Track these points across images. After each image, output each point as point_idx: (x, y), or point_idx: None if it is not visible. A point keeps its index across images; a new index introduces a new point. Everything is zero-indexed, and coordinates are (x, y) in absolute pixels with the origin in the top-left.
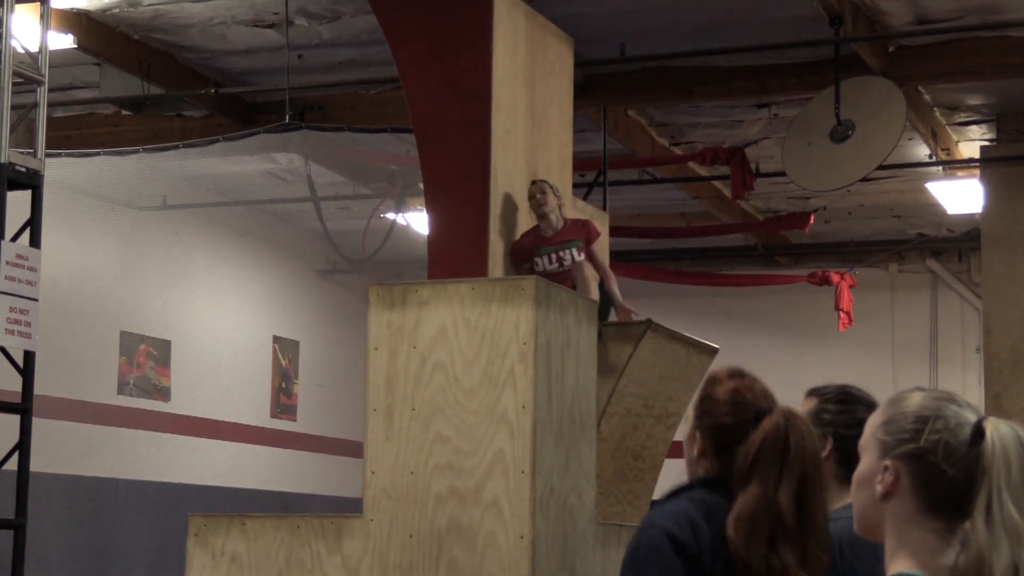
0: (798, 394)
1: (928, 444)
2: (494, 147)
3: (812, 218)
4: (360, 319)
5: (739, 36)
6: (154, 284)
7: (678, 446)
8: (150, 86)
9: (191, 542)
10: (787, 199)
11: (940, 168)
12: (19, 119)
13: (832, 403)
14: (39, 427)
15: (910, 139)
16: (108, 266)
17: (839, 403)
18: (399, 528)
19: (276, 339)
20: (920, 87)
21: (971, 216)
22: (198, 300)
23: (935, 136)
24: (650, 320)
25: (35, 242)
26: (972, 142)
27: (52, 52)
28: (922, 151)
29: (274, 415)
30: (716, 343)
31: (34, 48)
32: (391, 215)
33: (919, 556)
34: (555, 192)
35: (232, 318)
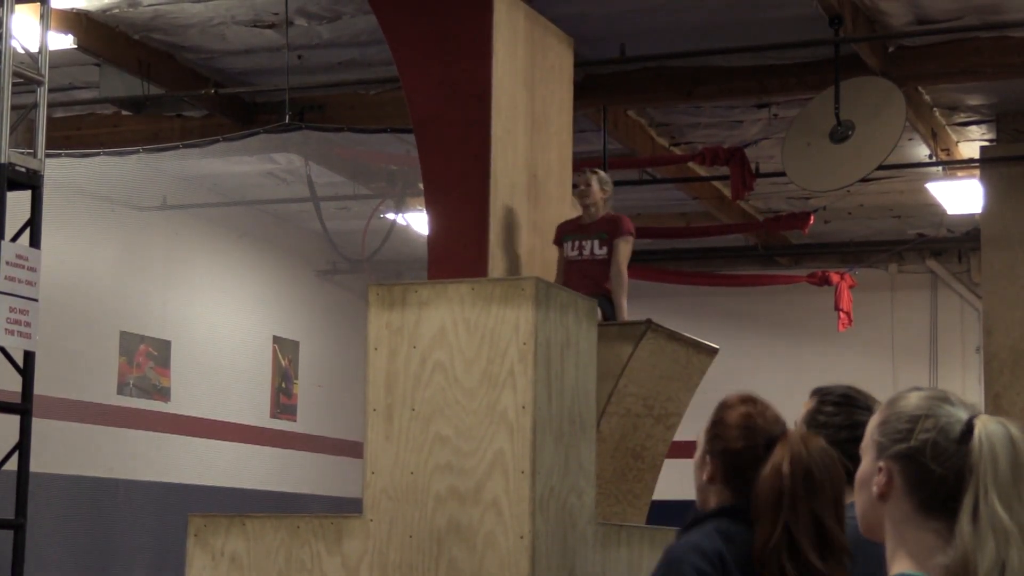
0: (798, 394)
1: (918, 444)
2: (494, 147)
3: (812, 218)
4: (360, 319)
5: (739, 36)
6: (154, 284)
7: (678, 446)
8: (150, 86)
9: (191, 542)
10: (787, 199)
11: (940, 168)
12: (19, 119)
13: (830, 405)
14: (39, 427)
15: (910, 139)
16: (108, 266)
17: (836, 405)
18: (399, 528)
19: (276, 339)
20: (920, 87)
21: (971, 216)
22: (198, 300)
23: (935, 136)
24: (650, 320)
25: (35, 242)
26: (972, 142)
27: (52, 52)
28: (922, 151)
29: (274, 415)
30: (716, 343)
31: (34, 48)
32: (391, 215)
33: (918, 556)
34: (602, 186)
35: (232, 318)
